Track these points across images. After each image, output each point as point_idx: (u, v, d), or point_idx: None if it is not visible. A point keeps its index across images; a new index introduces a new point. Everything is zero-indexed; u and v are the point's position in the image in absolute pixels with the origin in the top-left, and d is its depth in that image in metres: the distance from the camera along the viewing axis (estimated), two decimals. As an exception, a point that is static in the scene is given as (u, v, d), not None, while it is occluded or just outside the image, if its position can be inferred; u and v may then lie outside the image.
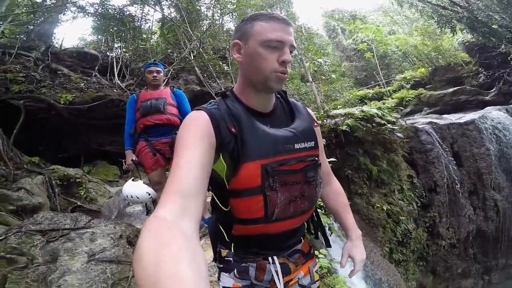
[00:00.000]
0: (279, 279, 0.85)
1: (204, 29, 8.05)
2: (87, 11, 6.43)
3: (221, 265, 0.90)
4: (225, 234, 0.88)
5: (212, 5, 8.25)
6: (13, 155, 3.70)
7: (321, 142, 0.96)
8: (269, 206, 0.77)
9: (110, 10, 6.61)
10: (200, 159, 0.68)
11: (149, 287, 0.38)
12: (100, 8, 6.52)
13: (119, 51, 6.77)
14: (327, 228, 2.98)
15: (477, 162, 5.73)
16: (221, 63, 7.78)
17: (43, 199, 3.05)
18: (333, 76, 9.08)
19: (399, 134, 4.93)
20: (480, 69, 8.99)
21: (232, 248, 0.88)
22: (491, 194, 5.71)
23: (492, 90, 7.73)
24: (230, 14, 8.51)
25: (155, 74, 2.50)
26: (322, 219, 1.07)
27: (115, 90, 5.45)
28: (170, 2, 7.74)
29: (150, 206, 2.56)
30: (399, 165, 5.09)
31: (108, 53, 6.64)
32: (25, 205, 2.89)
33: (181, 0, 7.28)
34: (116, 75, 5.93)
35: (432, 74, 10.87)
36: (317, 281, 0.99)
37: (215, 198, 0.87)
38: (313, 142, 0.86)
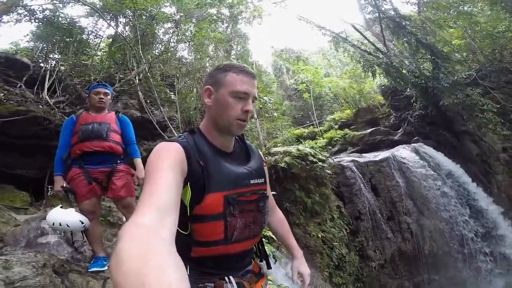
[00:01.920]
0: None
1: (157, 54, 7.90)
2: (36, 16, 5.70)
3: None
4: None
5: (171, 31, 8.24)
6: None
7: (268, 179, 1.14)
8: (229, 230, 0.90)
9: (60, 19, 6.00)
10: (176, 181, 0.75)
11: None
12: (51, 15, 5.85)
13: (55, 63, 6.01)
14: (271, 256, 3.26)
15: (390, 193, 6.78)
16: (168, 91, 7.64)
17: None
18: (275, 114, 9.85)
19: (328, 171, 5.65)
20: (391, 110, 10.59)
21: (188, 270, 0.91)
22: (404, 219, 6.75)
23: (399, 131, 9.28)
24: (187, 43, 8.58)
25: (102, 96, 2.33)
26: (266, 247, 1.23)
27: (40, 106, 4.72)
28: (127, 20, 7.49)
29: (77, 236, 2.30)
30: (329, 197, 5.75)
31: (42, 63, 5.82)
32: None
33: (140, 21, 7.09)
34: (45, 89, 5.19)
35: (355, 116, 12.41)
36: None
37: None
38: (263, 179, 1.04)
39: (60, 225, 1.98)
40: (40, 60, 6.13)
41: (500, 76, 7.79)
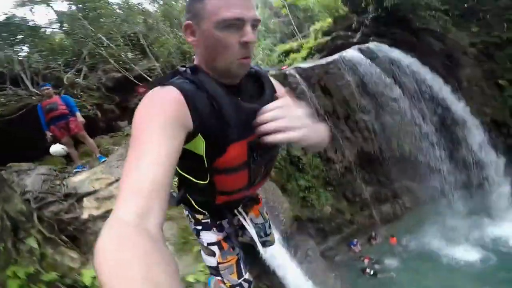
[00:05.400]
0: (248, 224, 1.09)
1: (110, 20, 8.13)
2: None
3: (200, 227, 1.04)
4: (196, 207, 0.98)
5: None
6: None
7: None
8: (252, 176, 0.86)
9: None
10: (169, 148, 0.57)
11: None
12: None
13: (23, 62, 6.76)
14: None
15: (342, 91, 7.10)
16: (133, 49, 8.29)
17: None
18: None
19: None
20: (352, 15, 10.12)
21: (207, 213, 1.02)
22: (360, 116, 6.97)
23: (358, 33, 9.20)
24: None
25: (46, 91, 4.38)
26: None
27: (33, 98, 5.71)
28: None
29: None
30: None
31: (13, 66, 6.55)
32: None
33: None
34: (29, 85, 6.20)
35: (334, 24, 11.89)
36: (268, 220, 1.23)
37: (186, 175, 0.86)
38: None
39: (56, 151, 4.33)
40: (9, 63, 6.71)
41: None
